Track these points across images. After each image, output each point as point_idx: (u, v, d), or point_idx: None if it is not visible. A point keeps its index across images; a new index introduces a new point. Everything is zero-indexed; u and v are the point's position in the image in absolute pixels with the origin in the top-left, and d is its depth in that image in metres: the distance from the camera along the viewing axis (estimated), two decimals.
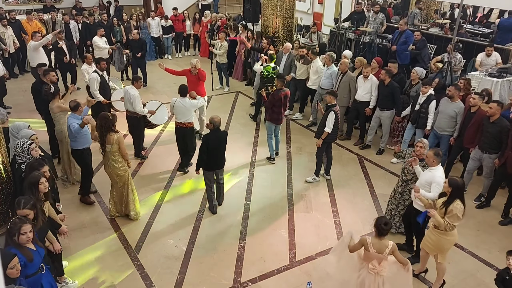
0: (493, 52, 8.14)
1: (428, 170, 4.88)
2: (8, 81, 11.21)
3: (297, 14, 12.29)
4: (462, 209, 4.28)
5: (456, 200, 4.28)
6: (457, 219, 4.30)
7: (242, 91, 11.06)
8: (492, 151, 6.07)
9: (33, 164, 4.39)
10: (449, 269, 5.10)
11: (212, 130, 5.80)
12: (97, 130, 5.48)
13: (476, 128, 6.23)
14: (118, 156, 5.54)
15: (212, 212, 6.12)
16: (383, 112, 7.63)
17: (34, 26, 11.69)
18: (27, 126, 5.37)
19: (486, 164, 6.22)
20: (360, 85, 7.84)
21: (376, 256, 4.05)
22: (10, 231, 3.51)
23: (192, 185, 6.83)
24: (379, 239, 4.05)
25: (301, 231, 5.80)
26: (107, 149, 5.49)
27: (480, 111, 6.23)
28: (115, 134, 5.46)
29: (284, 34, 10.63)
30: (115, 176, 5.65)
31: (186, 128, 6.87)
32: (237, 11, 16.16)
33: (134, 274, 4.98)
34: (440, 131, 6.79)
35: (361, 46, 10.00)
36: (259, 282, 4.91)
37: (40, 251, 3.73)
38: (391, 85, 7.38)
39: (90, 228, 5.75)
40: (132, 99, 6.93)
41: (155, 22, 13.28)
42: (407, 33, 9.22)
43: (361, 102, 7.85)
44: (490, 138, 6.01)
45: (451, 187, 4.29)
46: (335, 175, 7.16)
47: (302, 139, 8.46)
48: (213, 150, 5.79)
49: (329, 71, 8.34)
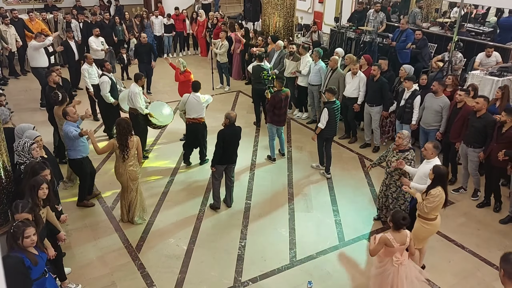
0: (493, 52, 8.13)
1: (425, 162, 4.99)
2: (9, 80, 11.26)
3: (298, 13, 12.28)
4: (440, 195, 4.39)
5: (438, 186, 4.42)
6: (432, 203, 4.41)
7: (243, 91, 11.07)
8: (477, 145, 6.17)
9: (35, 167, 4.33)
10: (449, 268, 5.12)
11: (228, 125, 5.88)
12: (118, 136, 5.33)
13: (462, 122, 6.37)
14: (135, 160, 5.47)
15: (214, 208, 6.16)
16: (372, 108, 7.73)
17: (37, 25, 11.71)
18: (32, 127, 5.30)
19: (471, 159, 6.32)
20: (348, 81, 7.96)
21: (399, 248, 4.09)
22: (14, 235, 3.46)
23: (193, 184, 6.84)
24: (398, 232, 4.09)
25: (302, 230, 5.80)
26: (131, 152, 5.38)
27: (466, 106, 6.35)
28: (134, 137, 5.40)
29: (284, 33, 10.64)
30: (130, 181, 5.52)
31: (199, 124, 6.97)
32: (238, 10, 16.16)
33: (135, 273, 4.99)
34: (427, 126, 6.92)
35: (361, 45, 9.99)
36: (259, 281, 4.92)
37: (42, 255, 3.70)
38: (380, 80, 7.48)
39: (91, 228, 5.76)
40: (132, 96, 6.93)
41: (158, 21, 13.31)
42: (408, 32, 9.22)
43: (350, 98, 7.96)
44: (475, 132, 6.12)
45: (434, 174, 4.46)
46: (336, 174, 7.17)
47: (302, 138, 8.46)
48: (228, 145, 5.85)
49: (317, 66, 8.45)
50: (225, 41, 10.67)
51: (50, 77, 6.91)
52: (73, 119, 5.70)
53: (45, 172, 4.33)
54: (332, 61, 8.10)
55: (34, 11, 12.51)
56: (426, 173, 4.82)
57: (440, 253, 5.37)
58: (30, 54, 9.58)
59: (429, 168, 4.77)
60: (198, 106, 6.85)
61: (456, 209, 6.29)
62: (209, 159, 6.97)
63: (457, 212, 6.22)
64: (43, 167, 4.36)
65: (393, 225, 4.10)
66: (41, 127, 7.27)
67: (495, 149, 5.84)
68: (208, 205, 6.25)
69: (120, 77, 11.17)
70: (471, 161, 6.33)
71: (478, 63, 8.18)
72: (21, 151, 4.72)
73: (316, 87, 8.52)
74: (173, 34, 13.65)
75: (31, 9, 13.04)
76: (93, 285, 4.81)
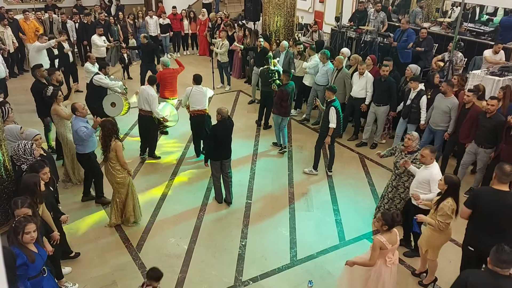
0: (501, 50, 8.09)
1: (424, 168, 4.91)
2: (8, 81, 11.24)
3: (298, 12, 12.28)
4: (452, 207, 4.24)
5: (448, 198, 4.27)
6: (448, 218, 4.27)
7: (243, 90, 11.06)
8: (488, 145, 6.17)
9: (34, 166, 4.34)
10: (449, 268, 5.11)
11: (220, 121, 5.89)
12: (102, 136, 5.35)
13: (471, 123, 6.36)
14: (116, 164, 5.40)
15: (218, 201, 6.24)
16: (379, 108, 7.75)
17: (32, 25, 11.71)
18: (19, 128, 5.27)
19: (481, 158, 6.32)
20: (355, 81, 7.99)
21: (391, 249, 4.06)
22: (15, 230, 3.48)
23: (194, 183, 6.84)
24: (389, 232, 4.04)
25: (302, 229, 5.80)
26: (110, 155, 5.35)
27: (475, 107, 6.34)
28: (115, 141, 5.34)
29: (285, 33, 10.63)
30: (114, 184, 5.53)
31: (203, 115, 7.09)
32: (238, 10, 16.16)
33: (135, 272, 4.99)
34: (434, 126, 6.93)
35: (362, 44, 9.98)
36: (260, 280, 4.92)
37: (42, 253, 3.68)
38: (389, 80, 7.51)
39: (91, 227, 5.77)
40: (151, 100, 6.89)
41: (153, 21, 13.24)
42: (409, 32, 9.20)
43: (357, 98, 7.99)
44: (485, 132, 6.12)
45: (447, 185, 4.28)
46: (336, 173, 7.17)
47: (302, 137, 8.46)
48: (221, 140, 5.88)
49: (325, 68, 8.45)
50: (225, 41, 10.66)
51: (53, 75, 6.94)
52: (82, 114, 5.79)
53: (45, 170, 4.34)
54: (337, 61, 8.13)
55: (31, 11, 12.50)
56: (425, 179, 4.79)
57: (440, 253, 5.31)
58: (32, 55, 9.54)
59: (428, 174, 4.77)
60: (201, 96, 6.96)
61: None
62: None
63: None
64: (43, 165, 4.38)
65: (386, 226, 4.01)
66: (40, 127, 7.30)
67: (505, 149, 5.84)
68: (209, 204, 6.26)
69: (121, 77, 11.16)
70: (480, 160, 6.32)
71: (489, 57, 8.06)
72: (22, 155, 4.65)
73: (322, 88, 8.51)
74: (170, 34, 13.61)
75: (32, 9, 13.05)
76: (94, 284, 4.82)
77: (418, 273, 5.02)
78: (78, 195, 6.34)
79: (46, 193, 4.33)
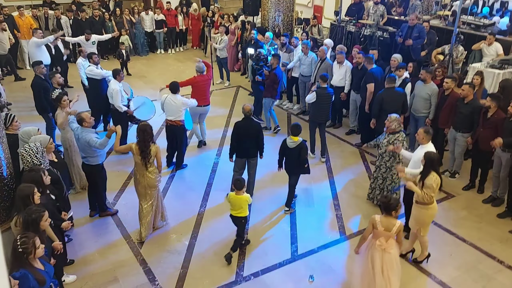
0: (494, 42, 8.11)
1: (420, 148, 5.15)
2: (6, 78, 11.19)
3: (297, 7, 12.23)
4: (437, 181, 4.55)
5: (432, 172, 4.57)
6: (433, 190, 4.57)
7: (243, 86, 11.03)
8: (465, 130, 6.37)
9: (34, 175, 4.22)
10: (451, 261, 5.12)
11: (243, 118, 5.97)
12: (139, 142, 5.11)
13: (449, 109, 6.53)
14: (154, 167, 5.26)
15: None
16: (357, 95, 7.87)
17: (27, 21, 11.64)
18: (37, 130, 5.16)
19: (459, 143, 6.51)
20: (335, 71, 8.10)
21: (383, 233, 4.17)
22: (24, 251, 3.29)
23: (195, 180, 6.84)
24: (387, 217, 4.19)
25: (303, 224, 5.81)
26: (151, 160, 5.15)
27: (453, 93, 6.54)
28: (154, 145, 5.19)
29: (284, 28, 10.59)
30: (149, 190, 5.30)
31: (176, 126, 6.70)
32: (237, 5, 16.08)
33: (137, 268, 5.00)
34: (416, 113, 7.06)
35: (361, 39, 9.92)
36: (261, 276, 4.93)
37: (49, 270, 3.56)
38: (364, 68, 7.62)
39: (93, 224, 5.77)
40: (113, 94, 6.90)
41: (149, 17, 13.26)
42: (419, 28, 8.85)
43: (337, 87, 8.07)
44: (463, 118, 6.31)
45: (425, 159, 4.62)
46: (337, 168, 7.17)
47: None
48: (243, 138, 5.91)
49: (309, 58, 8.55)
50: (224, 36, 10.63)
51: (54, 78, 6.90)
52: (90, 124, 5.45)
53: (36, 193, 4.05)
54: (321, 52, 8.26)
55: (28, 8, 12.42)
56: (420, 158, 4.91)
57: (442, 246, 5.38)
58: (31, 51, 9.45)
59: (423, 153, 4.89)
60: (175, 108, 6.57)
61: (457, 203, 6.29)
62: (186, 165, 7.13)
63: (458, 206, 6.22)
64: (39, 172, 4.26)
65: (382, 208, 4.24)
66: (40, 125, 7.27)
67: (482, 134, 6.04)
68: (209, 202, 6.27)
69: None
70: (458, 145, 6.54)
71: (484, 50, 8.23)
72: (36, 154, 4.50)
73: (308, 78, 8.62)
74: (164, 30, 13.56)
75: (29, 5, 12.97)
76: (96, 280, 4.83)
77: (404, 253, 5.10)
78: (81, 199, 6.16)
79: (45, 203, 4.13)
